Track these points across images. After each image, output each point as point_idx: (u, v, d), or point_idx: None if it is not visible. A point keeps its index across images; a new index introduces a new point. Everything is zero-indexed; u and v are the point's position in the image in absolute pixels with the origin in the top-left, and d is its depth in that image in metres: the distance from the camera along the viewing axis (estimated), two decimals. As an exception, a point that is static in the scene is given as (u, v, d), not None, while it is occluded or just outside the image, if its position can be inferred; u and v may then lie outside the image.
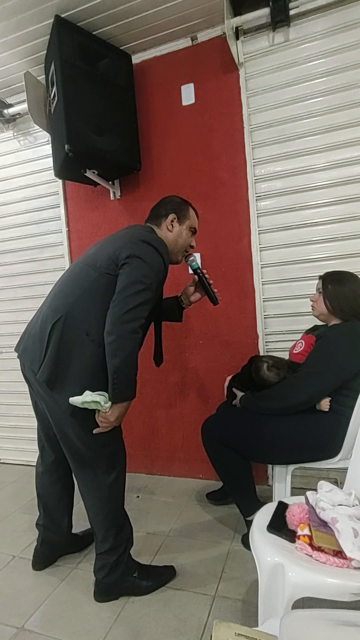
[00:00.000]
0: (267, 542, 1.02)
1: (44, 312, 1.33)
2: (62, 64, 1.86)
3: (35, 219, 2.61)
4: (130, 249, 1.26)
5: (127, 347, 1.18)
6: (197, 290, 1.62)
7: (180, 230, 1.47)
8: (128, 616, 1.30)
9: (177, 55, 2.19)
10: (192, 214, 1.51)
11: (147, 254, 1.27)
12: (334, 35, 1.88)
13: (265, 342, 2.09)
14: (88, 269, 1.31)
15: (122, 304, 1.18)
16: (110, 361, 1.18)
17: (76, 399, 1.20)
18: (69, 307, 1.27)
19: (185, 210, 1.48)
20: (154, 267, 1.26)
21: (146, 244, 1.29)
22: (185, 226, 1.48)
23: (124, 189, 2.36)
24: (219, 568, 1.49)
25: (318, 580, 0.90)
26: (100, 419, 1.23)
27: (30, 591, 1.44)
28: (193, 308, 1.96)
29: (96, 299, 1.25)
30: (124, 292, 1.20)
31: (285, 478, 1.51)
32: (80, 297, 1.27)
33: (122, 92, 2.11)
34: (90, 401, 1.19)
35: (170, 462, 2.33)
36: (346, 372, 1.40)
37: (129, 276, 1.21)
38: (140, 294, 1.20)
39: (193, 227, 1.51)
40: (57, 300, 1.32)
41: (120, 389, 1.20)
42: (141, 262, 1.24)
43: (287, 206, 2.01)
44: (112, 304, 1.20)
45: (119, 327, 1.17)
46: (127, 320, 1.17)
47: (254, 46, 2.04)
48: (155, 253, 1.29)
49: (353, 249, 1.90)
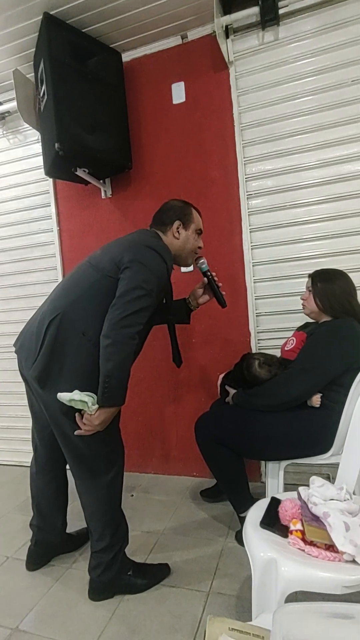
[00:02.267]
0: (260, 538, 1.03)
1: (44, 310, 1.33)
2: (52, 61, 1.85)
3: (26, 218, 2.59)
4: (134, 254, 1.26)
5: (123, 352, 1.18)
6: (205, 292, 1.63)
7: (186, 235, 1.47)
8: (123, 614, 1.30)
9: (167, 53, 2.19)
10: (196, 216, 1.51)
11: (150, 260, 1.27)
12: (322, 34, 1.90)
13: (257, 340, 2.10)
14: (91, 270, 1.31)
15: (122, 308, 1.18)
16: (103, 364, 1.18)
17: (64, 396, 1.19)
18: (67, 306, 1.27)
19: (188, 214, 1.48)
20: (155, 273, 1.26)
21: (150, 250, 1.29)
22: (191, 230, 1.48)
23: (115, 188, 2.35)
24: (213, 565, 1.50)
25: (310, 574, 0.91)
26: (84, 421, 1.22)
27: (24, 592, 1.44)
28: (186, 307, 1.97)
29: (96, 300, 1.25)
30: (124, 297, 1.19)
31: (278, 474, 1.53)
32: (80, 297, 1.27)
33: (112, 90, 2.10)
34: (78, 400, 1.17)
35: (165, 461, 2.33)
36: (337, 368, 1.41)
37: (130, 281, 1.21)
38: (140, 299, 1.20)
39: (198, 229, 1.52)
40: (58, 298, 1.32)
41: (110, 394, 1.19)
42: (143, 267, 1.24)
43: (277, 204, 2.03)
44: (112, 308, 1.20)
45: (116, 331, 1.17)
46: (125, 325, 1.17)
47: (244, 45, 2.05)
48: (159, 259, 1.29)
49: (343, 247, 1.92)
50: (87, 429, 1.22)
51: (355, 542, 0.92)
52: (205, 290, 1.63)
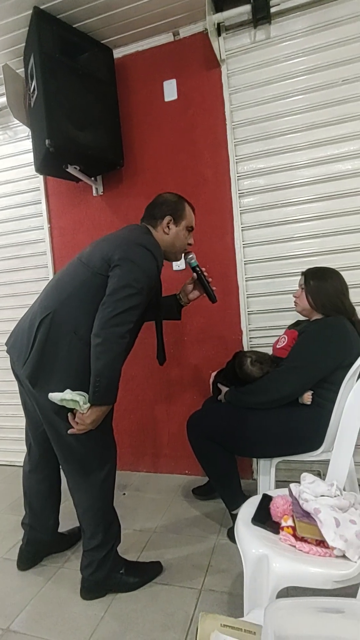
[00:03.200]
0: (251, 534, 1.04)
1: (35, 308, 1.32)
2: (42, 56, 1.82)
3: (16, 216, 2.56)
4: (124, 252, 1.25)
5: (113, 351, 1.18)
6: (195, 288, 1.62)
7: (177, 231, 1.45)
8: (115, 613, 1.30)
9: (159, 50, 2.18)
10: (188, 212, 1.49)
11: (141, 258, 1.26)
12: (314, 33, 1.91)
13: (249, 338, 2.11)
14: (82, 268, 1.30)
15: (112, 307, 1.17)
16: (94, 363, 1.18)
17: (55, 395, 1.18)
18: (58, 304, 1.26)
19: (181, 210, 1.46)
20: (146, 271, 1.26)
21: (141, 247, 1.28)
22: (182, 226, 1.46)
23: (106, 185, 2.34)
24: (205, 562, 1.51)
25: (301, 569, 0.92)
26: (77, 420, 1.22)
27: (15, 592, 1.43)
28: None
29: (87, 298, 1.24)
30: (114, 296, 1.19)
31: (270, 471, 1.54)
32: (71, 295, 1.26)
33: (103, 87, 2.08)
34: (70, 399, 1.17)
35: (157, 459, 2.33)
36: (328, 366, 1.43)
37: (120, 279, 1.20)
38: (131, 298, 1.19)
39: (190, 226, 1.50)
40: (49, 296, 1.31)
41: (101, 392, 1.19)
42: (134, 265, 1.23)
43: (269, 203, 2.03)
44: (102, 306, 1.19)
45: (106, 330, 1.16)
46: (115, 324, 1.17)
47: (236, 43, 2.04)
48: (150, 256, 1.28)
49: (334, 245, 1.94)
50: (79, 428, 1.22)
51: (346, 537, 0.93)
52: (195, 285, 1.62)
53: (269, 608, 0.67)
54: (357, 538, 0.94)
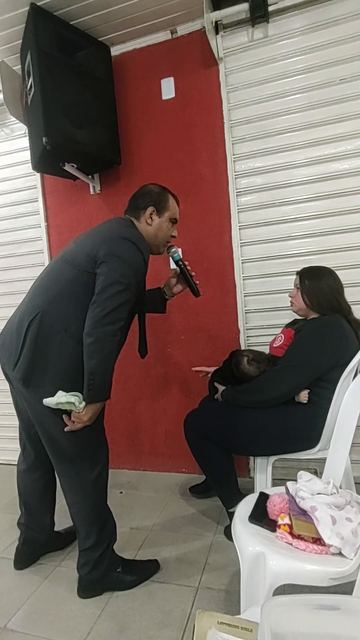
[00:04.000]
0: (248, 532, 1.04)
1: (22, 309, 1.31)
2: (39, 53, 1.81)
3: (13, 214, 2.55)
4: (109, 247, 1.24)
5: (105, 349, 1.19)
6: (179, 282, 1.61)
7: (160, 222, 1.43)
8: (112, 611, 1.30)
9: (156, 48, 2.17)
10: (172, 204, 1.46)
11: (127, 253, 1.25)
12: (311, 32, 1.91)
13: (246, 337, 2.11)
14: (67, 266, 1.29)
15: (102, 306, 1.18)
16: (87, 362, 1.18)
17: (50, 400, 1.19)
18: (47, 304, 1.25)
19: (164, 201, 1.44)
20: (132, 266, 1.25)
21: (126, 241, 1.27)
22: (165, 218, 1.44)
23: (104, 184, 2.33)
24: (202, 560, 1.51)
25: (298, 567, 0.92)
26: (73, 419, 1.23)
27: (12, 591, 1.43)
28: (175, 303, 1.97)
29: (75, 297, 1.24)
30: (103, 294, 1.19)
31: (266, 469, 1.54)
32: (58, 294, 1.26)
33: (101, 85, 2.07)
34: (65, 402, 1.18)
35: (154, 457, 2.33)
36: (324, 365, 1.43)
37: (108, 277, 1.20)
38: (120, 294, 1.19)
39: (174, 218, 1.47)
40: (36, 297, 1.30)
41: (96, 390, 1.20)
42: (120, 261, 1.23)
43: (267, 202, 2.04)
44: (92, 305, 1.19)
45: (98, 329, 1.17)
46: (106, 323, 1.17)
47: (234, 41, 2.04)
48: (135, 250, 1.28)
49: (331, 244, 1.94)
50: (78, 426, 1.23)
51: (342, 535, 0.94)
52: (178, 279, 1.60)
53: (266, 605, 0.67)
54: (353, 536, 0.95)
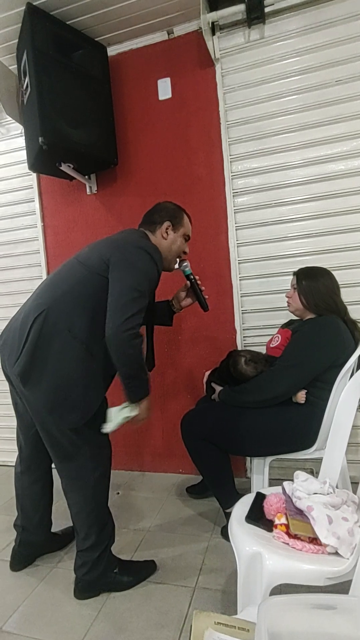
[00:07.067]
0: (245, 532, 1.04)
1: (28, 306, 1.31)
2: (35, 53, 1.81)
3: (9, 214, 2.54)
4: (124, 254, 1.26)
5: (132, 355, 1.21)
6: (188, 296, 1.65)
7: (174, 237, 1.48)
8: (109, 612, 1.30)
9: (153, 48, 2.17)
10: (187, 221, 1.53)
11: (142, 261, 1.27)
12: (307, 34, 1.91)
13: (243, 337, 2.11)
14: (79, 267, 1.30)
15: (120, 312, 1.18)
16: (119, 369, 1.24)
17: (109, 426, 1.26)
18: (52, 302, 1.25)
19: (179, 217, 1.49)
20: (147, 274, 1.27)
21: (141, 251, 1.29)
22: (180, 234, 1.49)
23: (100, 184, 2.33)
24: (199, 560, 1.51)
25: (294, 566, 0.92)
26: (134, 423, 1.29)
27: (8, 592, 1.42)
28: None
29: (82, 297, 1.25)
30: (120, 300, 1.20)
31: (263, 470, 1.55)
32: (65, 293, 1.26)
33: (97, 85, 2.07)
34: (121, 420, 1.25)
35: (151, 458, 2.33)
36: (321, 365, 1.43)
37: (123, 284, 1.21)
38: (136, 301, 1.21)
39: (187, 235, 1.53)
40: (43, 294, 1.30)
41: (136, 392, 1.26)
42: (134, 268, 1.24)
43: (263, 202, 2.04)
44: (109, 313, 1.20)
45: (119, 336, 1.17)
46: (125, 329, 1.18)
47: (230, 42, 2.05)
48: (150, 260, 1.29)
49: (327, 245, 1.95)
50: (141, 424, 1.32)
51: (338, 534, 0.94)
52: (188, 293, 1.65)
53: (263, 605, 0.67)
54: (349, 535, 0.95)
